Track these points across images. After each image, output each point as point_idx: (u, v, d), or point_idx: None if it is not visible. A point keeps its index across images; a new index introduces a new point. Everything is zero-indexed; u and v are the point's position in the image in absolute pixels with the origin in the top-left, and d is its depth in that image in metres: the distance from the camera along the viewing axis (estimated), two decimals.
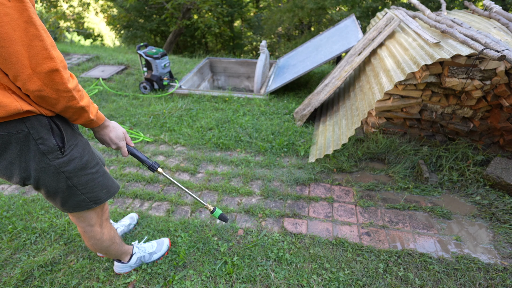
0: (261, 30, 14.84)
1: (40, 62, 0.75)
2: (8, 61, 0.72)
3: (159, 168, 1.28)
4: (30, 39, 0.73)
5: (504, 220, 1.88)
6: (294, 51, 4.82)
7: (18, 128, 0.85)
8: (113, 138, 1.11)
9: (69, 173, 1.01)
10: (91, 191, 1.11)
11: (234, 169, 2.49)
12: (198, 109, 3.48)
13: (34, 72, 0.76)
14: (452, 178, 2.21)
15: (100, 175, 1.13)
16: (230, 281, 1.59)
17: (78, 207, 1.13)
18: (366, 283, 1.56)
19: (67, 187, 1.04)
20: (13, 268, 1.68)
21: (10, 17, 0.69)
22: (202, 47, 14.37)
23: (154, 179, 2.38)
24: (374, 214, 2.00)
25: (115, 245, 1.42)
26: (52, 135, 0.92)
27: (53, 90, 0.80)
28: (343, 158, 2.48)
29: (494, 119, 2.25)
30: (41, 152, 0.92)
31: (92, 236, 1.27)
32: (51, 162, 0.95)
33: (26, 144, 0.89)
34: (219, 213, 1.47)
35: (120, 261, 1.57)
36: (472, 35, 1.99)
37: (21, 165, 0.92)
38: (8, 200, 2.18)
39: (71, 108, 0.88)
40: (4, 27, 0.68)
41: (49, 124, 0.91)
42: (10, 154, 0.89)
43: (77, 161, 1.02)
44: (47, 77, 0.77)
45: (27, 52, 0.73)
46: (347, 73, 2.83)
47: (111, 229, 1.37)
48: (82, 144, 1.05)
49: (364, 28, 8.74)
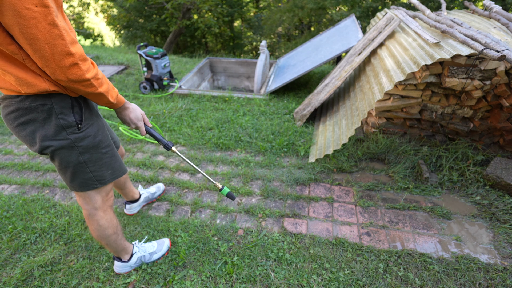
0: (261, 30, 14.84)
1: (62, 58, 0.89)
2: (36, 56, 0.87)
3: (173, 147, 1.42)
4: (53, 39, 0.85)
5: (504, 220, 1.88)
6: (294, 51, 4.82)
7: (44, 102, 1.01)
8: (133, 119, 1.25)
9: (82, 149, 1.14)
10: (98, 169, 1.21)
11: (234, 169, 2.49)
12: (198, 109, 3.48)
13: (57, 66, 0.90)
14: (452, 178, 2.21)
15: (108, 156, 1.24)
16: (230, 281, 1.59)
17: (84, 186, 1.23)
18: (366, 283, 1.56)
19: (78, 163, 1.15)
20: (13, 268, 1.68)
21: (37, 20, 0.81)
22: (202, 47, 14.37)
23: (154, 179, 2.38)
24: (374, 214, 2.00)
25: (117, 236, 1.46)
26: (72, 112, 1.08)
27: (73, 80, 0.95)
28: (343, 158, 2.48)
29: (494, 119, 2.25)
30: (61, 126, 1.06)
31: (96, 220, 1.34)
32: (68, 136, 1.09)
33: (49, 117, 1.04)
34: (227, 191, 1.51)
35: (120, 259, 1.58)
36: (472, 35, 1.99)
37: (41, 134, 1.06)
38: (8, 200, 2.18)
39: (91, 94, 1.03)
40: (31, 28, 0.81)
41: (71, 103, 1.07)
42: (35, 123, 1.04)
43: (91, 139, 1.15)
44: (68, 70, 0.91)
45: (51, 49, 0.86)
46: (347, 73, 2.83)
47: (114, 218, 1.43)
48: (97, 125, 1.19)
49: (364, 28, 8.74)
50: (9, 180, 2.42)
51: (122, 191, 1.84)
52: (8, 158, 2.75)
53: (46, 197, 2.23)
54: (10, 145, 2.96)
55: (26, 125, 1.05)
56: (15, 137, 3.10)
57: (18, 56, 0.90)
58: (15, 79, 0.94)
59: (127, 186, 1.83)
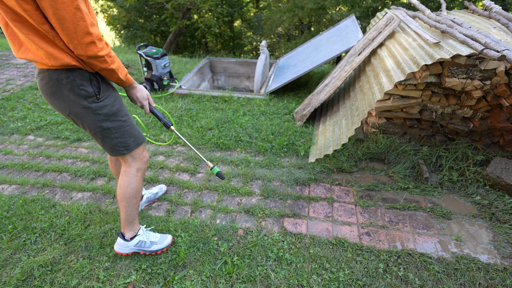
0: (261, 30, 14.84)
1: (83, 36, 1.08)
2: (63, 33, 1.07)
3: (172, 126, 1.60)
4: (77, 20, 1.05)
5: (504, 220, 1.88)
6: (294, 51, 4.82)
7: (67, 75, 1.22)
8: (139, 97, 1.46)
9: (104, 116, 1.33)
10: (121, 136, 1.41)
11: (234, 169, 2.49)
12: (198, 109, 3.48)
13: (79, 43, 1.09)
14: (452, 178, 2.21)
15: (128, 124, 1.43)
16: (230, 281, 1.59)
17: (114, 151, 1.45)
18: (366, 283, 1.56)
19: (103, 129, 1.36)
20: (13, 268, 1.68)
21: (66, 4, 1.01)
22: (202, 47, 14.37)
23: (154, 179, 2.38)
24: (374, 214, 2.00)
25: (136, 202, 1.60)
26: (90, 84, 1.27)
27: (90, 56, 1.14)
28: (343, 158, 2.48)
29: (494, 119, 2.25)
30: (83, 96, 1.27)
31: (127, 178, 1.53)
32: (89, 105, 1.29)
33: (72, 88, 1.24)
34: (217, 170, 1.65)
35: (123, 237, 1.66)
36: (472, 35, 1.99)
37: (70, 102, 1.27)
38: (8, 200, 2.18)
39: (105, 70, 1.22)
40: (61, 11, 1.02)
41: (89, 76, 1.26)
42: (63, 92, 1.25)
43: (109, 107, 1.34)
44: (87, 47, 1.11)
45: (75, 29, 1.06)
46: (347, 73, 2.83)
47: (141, 185, 1.59)
48: (114, 96, 1.38)
49: (364, 28, 8.74)
50: (9, 180, 2.42)
51: None
52: (8, 158, 2.75)
53: (46, 197, 2.23)
54: (10, 145, 2.96)
55: (56, 94, 1.26)
56: (15, 137, 3.10)
57: (49, 34, 1.09)
58: (45, 53, 1.13)
59: None
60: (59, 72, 1.21)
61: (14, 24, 1.06)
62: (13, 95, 4.02)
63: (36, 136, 3.12)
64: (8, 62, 5.36)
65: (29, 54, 1.18)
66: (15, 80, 4.58)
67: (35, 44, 1.11)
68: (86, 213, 2.05)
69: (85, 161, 2.66)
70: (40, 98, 3.93)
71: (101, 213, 2.05)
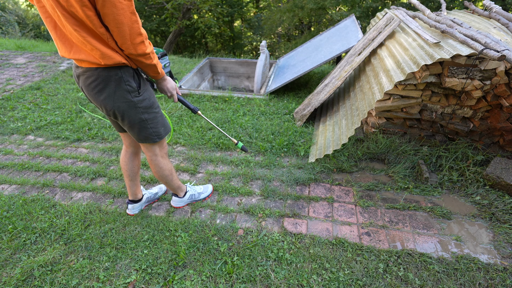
0: (261, 30, 14.83)
1: (135, 37, 1.23)
2: (118, 36, 1.21)
3: (199, 111, 1.80)
4: (132, 23, 1.19)
5: (504, 220, 1.88)
6: (294, 51, 4.82)
7: (116, 72, 1.35)
8: (169, 88, 1.60)
9: (143, 109, 1.49)
10: (155, 126, 1.58)
11: (234, 169, 2.49)
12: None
13: (131, 43, 1.24)
14: (452, 178, 2.21)
15: (160, 115, 1.60)
16: (230, 281, 1.59)
17: (148, 139, 1.61)
18: (366, 283, 1.56)
19: (141, 120, 1.51)
20: (13, 268, 1.68)
21: (124, 10, 1.15)
22: (202, 47, 14.37)
23: (154, 179, 2.38)
24: (374, 214, 2.00)
25: (172, 176, 1.88)
26: (133, 79, 1.42)
27: (140, 54, 1.29)
28: (343, 158, 2.48)
29: (494, 119, 2.25)
30: (128, 91, 1.40)
31: (156, 163, 1.74)
32: (132, 99, 1.43)
33: (119, 84, 1.37)
34: (241, 145, 1.99)
35: (177, 196, 2.03)
36: (472, 35, 1.99)
37: (115, 98, 1.40)
38: (8, 200, 2.18)
39: (148, 65, 1.37)
40: (120, 16, 1.15)
41: (132, 72, 1.41)
42: (109, 89, 1.38)
43: (147, 101, 1.50)
44: (138, 46, 1.26)
45: (129, 31, 1.20)
46: (347, 73, 2.83)
47: (169, 163, 1.82)
48: (149, 90, 1.54)
49: (364, 28, 8.74)
50: (9, 180, 2.42)
51: (131, 183, 1.92)
52: (8, 158, 2.75)
53: (46, 197, 2.23)
54: (10, 145, 2.96)
55: (103, 90, 1.38)
56: (15, 137, 3.10)
57: (104, 36, 1.22)
58: (100, 53, 1.25)
59: (137, 179, 1.94)
60: (108, 70, 1.33)
61: (74, 28, 1.18)
62: (13, 95, 4.02)
63: (36, 136, 3.12)
64: (8, 62, 5.36)
65: (81, 54, 1.29)
66: (15, 80, 4.58)
67: (91, 45, 1.23)
68: (86, 213, 2.05)
69: (85, 161, 2.66)
70: (40, 98, 3.93)
71: (101, 213, 2.05)
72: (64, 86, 4.29)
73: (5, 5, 14.18)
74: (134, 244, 1.81)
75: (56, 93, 4.07)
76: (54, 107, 3.65)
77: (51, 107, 3.67)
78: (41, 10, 1.24)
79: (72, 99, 3.85)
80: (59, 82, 4.47)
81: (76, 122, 3.30)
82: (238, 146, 1.98)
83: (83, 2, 1.11)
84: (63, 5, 1.12)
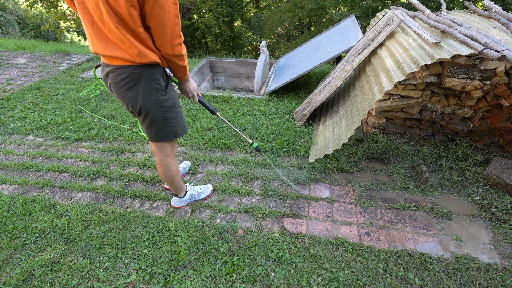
0: (261, 30, 14.84)
1: (175, 39, 1.30)
2: (160, 36, 1.27)
3: (217, 112, 1.88)
4: (174, 25, 1.25)
5: (504, 220, 1.88)
6: (294, 51, 4.82)
7: (148, 70, 1.39)
8: (191, 89, 1.66)
9: (167, 108, 1.53)
10: (174, 125, 1.62)
11: (234, 169, 2.49)
12: (198, 109, 3.48)
13: (170, 44, 1.30)
14: (452, 178, 2.21)
15: (180, 115, 1.65)
16: (230, 281, 1.59)
17: (164, 138, 1.64)
18: (366, 283, 1.56)
19: (163, 119, 1.56)
20: (13, 268, 1.68)
21: (170, 13, 1.21)
22: (202, 47, 14.36)
23: (154, 179, 2.38)
24: (374, 214, 2.00)
25: (178, 177, 1.92)
26: (163, 79, 1.47)
27: (175, 55, 1.36)
28: (343, 158, 2.48)
29: (494, 119, 2.25)
30: (156, 89, 1.45)
31: (166, 164, 1.78)
32: (159, 97, 1.48)
33: (150, 82, 1.41)
34: (256, 145, 2.11)
35: (177, 196, 2.05)
36: (472, 35, 1.99)
37: (143, 96, 1.44)
38: (8, 200, 2.18)
39: (180, 66, 1.44)
40: (165, 18, 1.21)
41: (162, 71, 1.46)
42: (139, 86, 1.41)
43: (172, 100, 1.55)
44: (175, 47, 1.33)
45: (171, 32, 1.27)
46: (347, 73, 2.83)
47: (177, 163, 1.87)
48: (173, 90, 1.59)
49: (364, 28, 8.74)
50: (9, 180, 2.42)
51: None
52: (8, 158, 2.75)
53: (46, 197, 2.23)
54: (10, 145, 2.96)
55: (132, 88, 1.42)
56: (15, 137, 3.10)
57: (142, 36, 1.28)
58: (137, 51, 1.29)
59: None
60: (142, 68, 1.37)
61: (115, 25, 1.22)
62: (13, 95, 4.02)
63: (36, 136, 3.12)
64: (8, 62, 5.36)
65: (117, 51, 1.33)
66: (15, 80, 4.58)
67: (130, 42, 1.27)
68: (86, 213, 2.05)
69: (85, 161, 2.66)
70: (40, 98, 3.93)
71: (101, 213, 2.05)
72: (64, 86, 4.29)
73: (5, 5, 14.18)
74: (134, 244, 1.81)
75: (56, 93, 4.07)
76: (54, 107, 3.65)
77: (51, 107, 3.67)
78: (80, 6, 1.27)
79: (72, 99, 3.85)
80: (59, 82, 4.47)
81: (76, 122, 3.30)
82: (253, 147, 2.07)
83: (131, 2, 1.16)
84: (110, 3, 1.17)
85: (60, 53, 5.90)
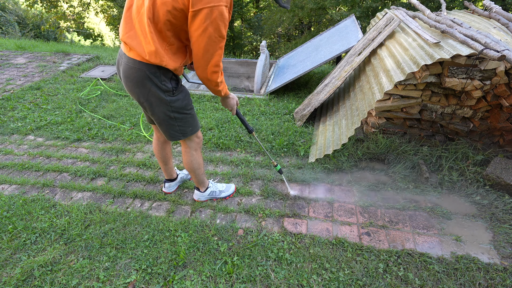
0: (261, 30, 14.84)
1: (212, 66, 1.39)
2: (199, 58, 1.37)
3: (253, 132, 1.98)
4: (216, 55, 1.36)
5: (504, 220, 1.88)
6: (294, 51, 4.82)
7: (155, 70, 1.44)
8: (230, 105, 1.76)
9: (174, 108, 1.59)
10: (183, 125, 1.68)
11: (234, 169, 2.49)
12: (198, 109, 3.48)
13: (206, 69, 1.39)
14: (452, 178, 2.21)
15: (190, 116, 1.69)
16: (230, 281, 1.59)
17: (174, 137, 1.71)
18: (366, 283, 1.56)
19: (170, 118, 1.61)
20: (13, 268, 1.68)
21: (215, 43, 1.31)
22: None
23: (154, 179, 2.38)
24: (374, 214, 2.00)
25: (201, 171, 1.96)
26: (170, 81, 1.52)
27: (209, 80, 1.46)
28: (343, 158, 2.48)
29: (494, 119, 2.25)
30: (162, 89, 1.51)
31: (188, 156, 1.85)
32: (165, 98, 1.53)
33: (155, 81, 1.47)
34: (279, 168, 2.16)
35: (199, 190, 2.08)
36: (472, 35, 1.99)
37: (150, 92, 1.50)
38: (8, 200, 2.18)
39: (215, 91, 1.56)
40: (210, 46, 1.31)
41: (171, 75, 1.52)
42: (146, 83, 1.47)
43: (180, 101, 1.60)
44: (212, 74, 1.43)
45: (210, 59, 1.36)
46: (347, 73, 2.83)
47: (201, 158, 1.92)
48: (185, 93, 1.65)
49: (364, 28, 8.73)
50: (9, 180, 2.42)
51: (165, 166, 2.08)
52: (8, 158, 2.75)
53: (46, 197, 2.23)
54: (10, 145, 2.96)
55: (139, 83, 1.47)
56: (15, 137, 3.10)
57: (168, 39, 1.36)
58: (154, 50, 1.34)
59: (170, 162, 2.08)
60: (150, 67, 1.42)
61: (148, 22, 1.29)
62: (13, 95, 4.02)
63: (36, 136, 3.12)
64: (8, 62, 5.36)
65: (134, 41, 1.38)
66: (15, 80, 4.58)
67: (152, 40, 1.33)
68: (86, 213, 2.05)
69: (85, 161, 2.66)
70: (40, 98, 3.93)
71: (101, 213, 2.05)
72: (64, 86, 4.29)
73: (5, 5, 14.18)
74: (134, 244, 1.81)
75: (56, 93, 4.07)
76: (54, 107, 3.65)
77: (51, 107, 3.67)
78: None
79: (72, 99, 3.85)
80: (59, 82, 4.47)
81: (76, 122, 3.30)
82: (277, 169, 2.14)
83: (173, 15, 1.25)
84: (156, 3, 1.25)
85: (60, 53, 5.90)
